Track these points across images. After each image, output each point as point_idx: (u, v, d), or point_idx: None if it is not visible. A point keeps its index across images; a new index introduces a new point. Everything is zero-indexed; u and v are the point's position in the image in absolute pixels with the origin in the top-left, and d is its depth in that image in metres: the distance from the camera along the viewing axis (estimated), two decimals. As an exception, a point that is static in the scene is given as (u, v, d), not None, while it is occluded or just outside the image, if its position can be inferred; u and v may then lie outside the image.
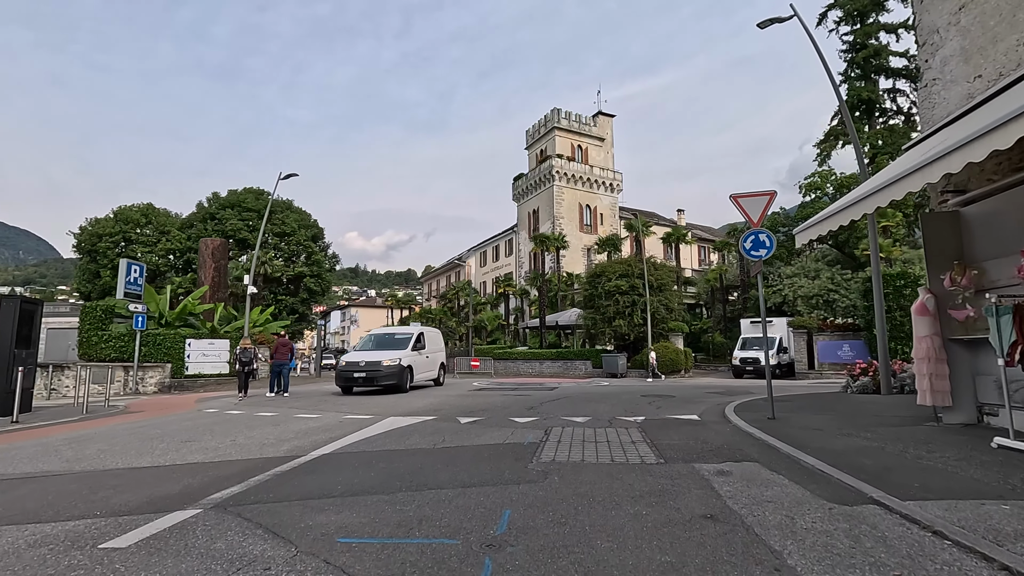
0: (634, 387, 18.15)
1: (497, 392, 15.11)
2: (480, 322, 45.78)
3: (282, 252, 53.71)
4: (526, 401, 11.69)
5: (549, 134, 54.68)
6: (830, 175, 31.41)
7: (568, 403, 11.16)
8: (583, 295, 31.67)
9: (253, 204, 52.43)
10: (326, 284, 56.81)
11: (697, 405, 10.90)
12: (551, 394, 13.95)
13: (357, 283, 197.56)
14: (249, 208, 52.17)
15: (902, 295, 22.13)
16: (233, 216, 50.96)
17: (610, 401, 11.76)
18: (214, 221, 51.34)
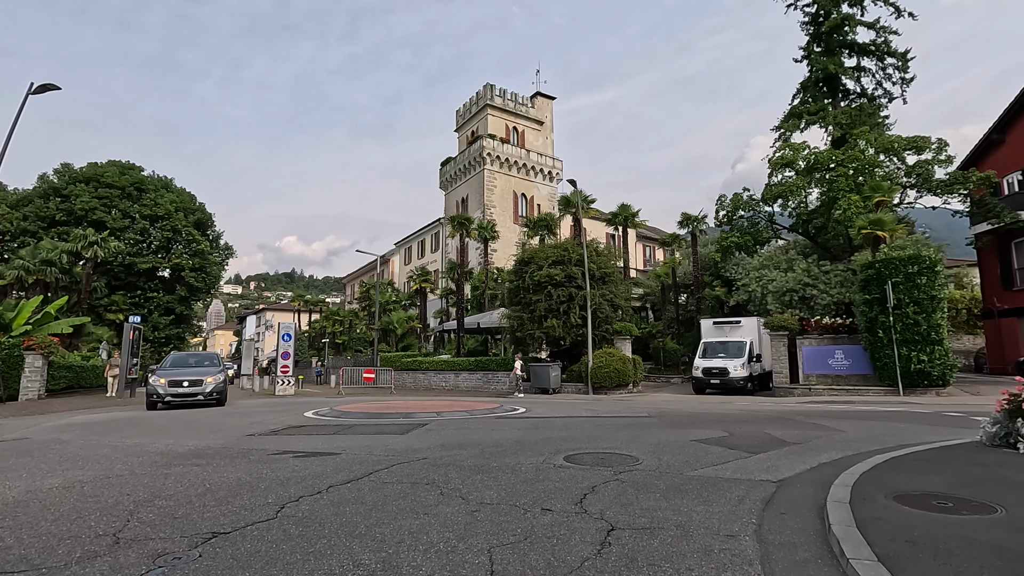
0: (566, 419, 11.63)
1: (256, 456, 8.17)
2: (388, 324, 38.24)
3: (154, 239, 44.16)
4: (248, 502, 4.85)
5: (481, 112, 48.22)
6: (802, 148, 26.59)
7: (358, 515, 4.46)
8: (508, 288, 25.06)
9: (116, 180, 42.71)
10: (212, 279, 47.52)
11: (718, 498, 4.42)
12: (380, 454, 7.14)
13: (292, 288, 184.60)
14: (111, 184, 42.40)
15: (916, 285, 16.86)
16: (86, 193, 41.08)
17: (504, 479, 5.17)
18: (59, 198, 41.24)
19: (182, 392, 14.52)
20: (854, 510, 3.40)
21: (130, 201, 43.26)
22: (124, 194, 43.12)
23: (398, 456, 6.14)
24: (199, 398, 14.74)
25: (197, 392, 14.71)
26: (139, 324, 21.95)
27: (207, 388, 14.86)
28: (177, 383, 14.55)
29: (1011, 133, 26.06)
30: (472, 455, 6.17)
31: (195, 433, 8.80)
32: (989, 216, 24.21)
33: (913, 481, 4.20)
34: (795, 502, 3.99)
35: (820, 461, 5.56)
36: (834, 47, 34.28)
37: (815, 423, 9.07)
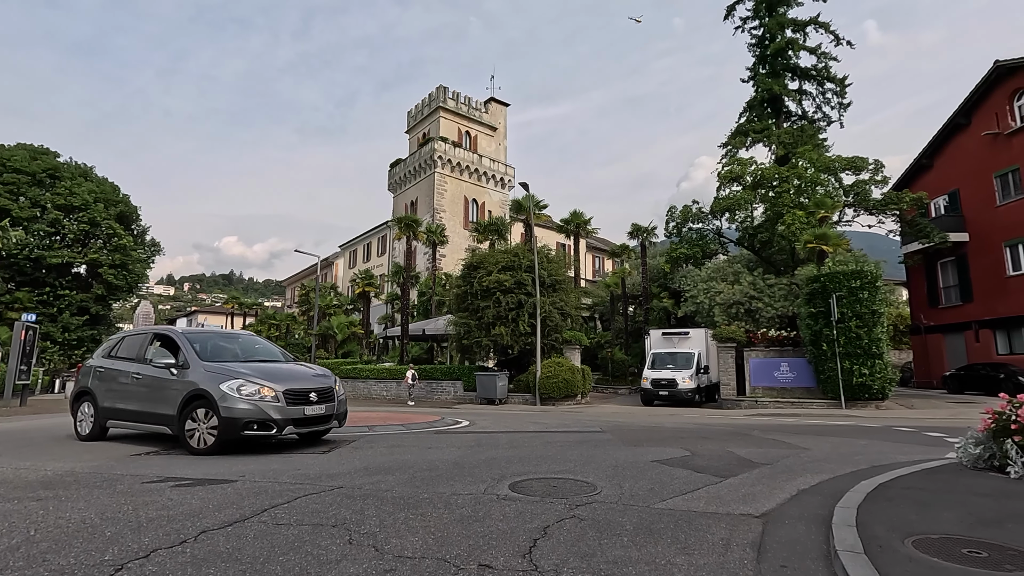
0: (512, 434, 10.78)
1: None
2: (327, 329, 36.22)
3: (68, 231, 40.21)
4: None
5: (433, 115, 47.08)
6: (750, 163, 27.09)
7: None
8: (455, 293, 24.03)
9: (25, 165, 38.66)
10: (135, 278, 43.75)
11: (699, 542, 3.60)
12: (286, 481, 6.01)
13: (230, 291, 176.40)
14: (18, 169, 38.32)
15: (858, 299, 17.09)
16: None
17: (434, 518, 4.26)
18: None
19: (311, 416, 7.30)
20: (876, 565, 2.66)
21: (41, 189, 39.30)
22: (34, 181, 39.12)
23: (308, 484, 5.04)
24: (327, 424, 7.72)
25: (324, 414, 7.51)
26: (34, 323, 19.42)
27: (332, 406, 7.69)
28: (301, 396, 7.25)
29: (938, 159, 27.52)
30: (400, 482, 5.16)
31: (67, 451, 7.32)
32: (920, 236, 25.31)
33: (923, 519, 3.55)
34: (793, 548, 3.24)
35: (799, 488, 4.90)
36: (779, 69, 35.51)
37: (775, 439, 8.57)
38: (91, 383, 8.49)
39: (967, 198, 25.68)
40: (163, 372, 7.56)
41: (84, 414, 8.52)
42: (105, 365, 8.53)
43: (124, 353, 8.47)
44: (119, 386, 8.11)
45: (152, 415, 7.59)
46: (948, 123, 26.61)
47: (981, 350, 24.16)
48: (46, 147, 41.91)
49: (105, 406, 8.17)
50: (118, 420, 8.13)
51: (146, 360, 7.92)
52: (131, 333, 9.36)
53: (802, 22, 35.75)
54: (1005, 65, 23.59)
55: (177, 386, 7.31)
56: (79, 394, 8.68)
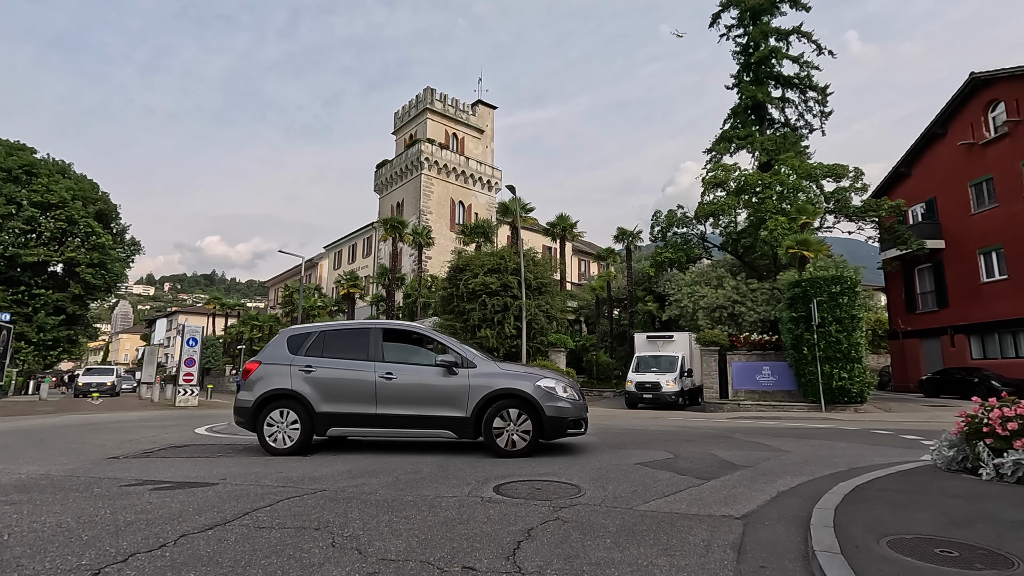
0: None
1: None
2: (311, 331, 35.94)
3: (45, 229, 39.29)
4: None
5: (420, 116, 47.02)
6: (733, 169, 27.46)
7: None
8: (441, 295, 23.98)
9: (1, 161, 37.76)
10: (114, 277, 42.92)
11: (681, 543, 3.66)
12: (269, 484, 5.94)
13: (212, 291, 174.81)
14: (-8, 165, 37.42)
15: (838, 304, 17.40)
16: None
17: (418, 521, 4.28)
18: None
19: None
20: (852, 565, 2.72)
21: (16, 185, 38.40)
22: (9, 177, 38.23)
23: (291, 487, 4.99)
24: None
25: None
26: (8, 322, 19.00)
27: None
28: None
29: (916, 167, 28.15)
30: (383, 484, 5.14)
31: (42, 454, 7.17)
32: (898, 243, 25.85)
33: (898, 520, 3.63)
34: (772, 548, 3.29)
35: (779, 489, 4.98)
36: (762, 77, 36.06)
37: (756, 442, 8.69)
38: (295, 385, 7.08)
39: (943, 206, 26.31)
40: (431, 371, 6.95)
41: (280, 422, 7.05)
42: (316, 364, 7.19)
43: (338, 352, 7.30)
44: (349, 388, 7.01)
45: (422, 418, 6.86)
46: (925, 133, 27.24)
47: (956, 355, 24.73)
48: (22, 143, 40.99)
49: (326, 411, 6.97)
50: (349, 427, 7.08)
51: (382, 358, 7.08)
52: (333, 328, 7.88)
53: (785, 31, 36.38)
54: (980, 77, 24.24)
55: (463, 387, 6.80)
56: (268, 399, 7.13)
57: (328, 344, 7.39)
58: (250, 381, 7.32)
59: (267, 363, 7.38)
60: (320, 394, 7.02)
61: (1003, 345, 23.13)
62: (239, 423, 7.46)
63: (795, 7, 35.98)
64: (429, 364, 6.96)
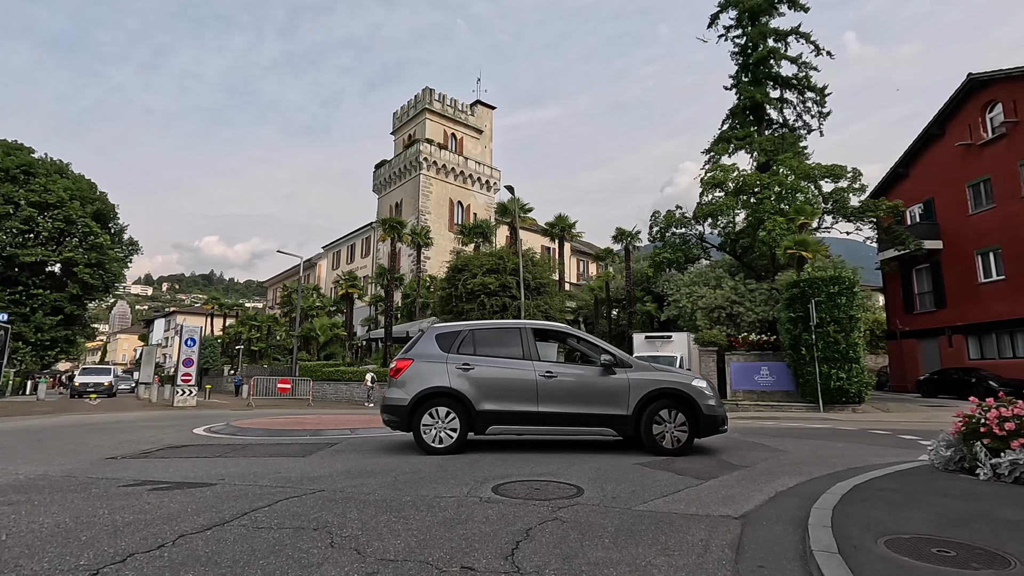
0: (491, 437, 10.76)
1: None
2: (309, 331, 35.89)
3: (43, 229, 39.19)
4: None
5: (419, 116, 47.02)
6: (732, 170, 27.49)
7: None
8: (440, 296, 23.98)
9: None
10: (112, 277, 42.84)
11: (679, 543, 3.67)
12: (267, 484, 5.94)
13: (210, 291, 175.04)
14: (-12, 165, 37.33)
15: (836, 305, 17.43)
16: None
17: (417, 521, 4.29)
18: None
19: None
20: (850, 564, 2.72)
21: (14, 185, 38.37)
22: (7, 177, 38.21)
23: (289, 487, 5.00)
24: None
25: None
26: (5, 323, 18.98)
27: None
28: None
29: (914, 168, 28.21)
30: (382, 485, 5.14)
31: (39, 454, 7.16)
32: (896, 243, 25.90)
33: (895, 519, 3.64)
34: (770, 548, 3.30)
35: (777, 489, 4.99)
36: (761, 78, 36.11)
37: (754, 442, 8.70)
38: (454, 383, 6.99)
39: (941, 206, 26.37)
40: (589, 370, 7.06)
41: (437, 420, 6.97)
42: (474, 362, 7.11)
43: (489, 350, 7.25)
44: (510, 386, 6.96)
45: (583, 417, 6.93)
46: (923, 133, 27.30)
47: (954, 355, 24.79)
48: (20, 142, 40.93)
49: (487, 409, 6.93)
50: (510, 425, 7.03)
51: (538, 357, 7.13)
52: (481, 326, 7.74)
53: (783, 32, 36.42)
54: (978, 78, 24.30)
55: (623, 386, 6.88)
56: (424, 397, 7.00)
57: (478, 342, 7.36)
58: (403, 379, 7.14)
59: (420, 360, 7.22)
60: (480, 392, 6.99)
61: (1000, 345, 23.19)
62: (390, 422, 7.28)
63: (793, 8, 36.05)
64: (588, 363, 7.07)
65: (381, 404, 7.48)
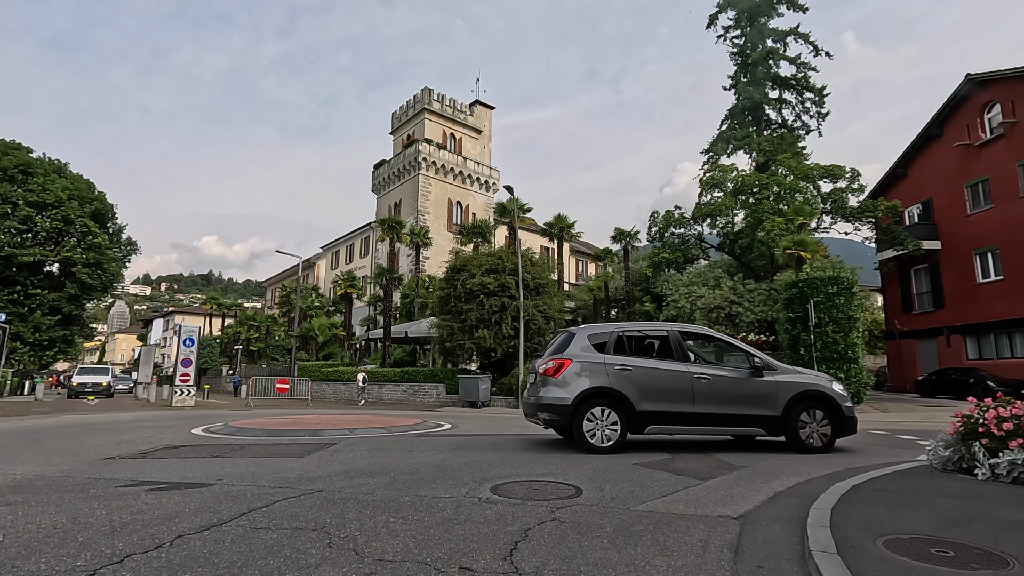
0: (495, 436, 10.79)
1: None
2: (308, 331, 35.86)
3: (41, 229, 39.11)
4: None
5: (418, 116, 47.00)
6: (731, 170, 27.51)
7: None
8: (439, 296, 23.97)
9: (-6, 159, 37.59)
10: (110, 277, 42.74)
11: (678, 543, 3.66)
12: (265, 485, 5.93)
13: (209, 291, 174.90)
14: (-16, 164, 37.22)
15: (835, 305, 17.45)
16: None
17: (415, 521, 4.28)
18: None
19: None
20: (848, 564, 2.72)
21: (12, 185, 38.26)
22: (5, 176, 38.07)
23: (288, 488, 4.99)
24: None
25: None
26: (3, 322, 18.94)
27: None
28: None
29: (912, 169, 28.23)
30: (381, 485, 5.13)
31: (37, 455, 7.15)
32: (894, 243, 25.93)
33: (893, 520, 3.64)
34: (769, 548, 3.30)
35: (775, 490, 4.99)
36: (759, 78, 36.16)
37: (752, 442, 8.70)
38: (614, 383, 7.14)
39: (939, 207, 26.40)
40: (738, 372, 7.35)
41: (599, 420, 7.07)
42: (630, 363, 7.28)
43: (640, 352, 7.54)
44: (668, 387, 7.15)
45: (736, 417, 7.22)
46: (922, 134, 27.33)
47: (952, 355, 24.82)
48: (18, 142, 40.82)
49: (646, 410, 7.09)
50: (667, 425, 7.22)
51: (689, 359, 7.47)
52: (630, 328, 7.91)
53: (782, 32, 36.51)
54: (976, 79, 24.34)
55: (772, 388, 7.19)
56: (586, 397, 7.10)
57: (629, 344, 7.55)
58: (564, 378, 7.23)
59: (578, 361, 7.34)
60: (639, 392, 7.13)
61: (999, 346, 23.23)
62: (550, 421, 7.31)
63: (792, 8, 36.13)
64: (739, 366, 7.40)
65: (533, 403, 7.51)
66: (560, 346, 7.79)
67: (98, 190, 43.19)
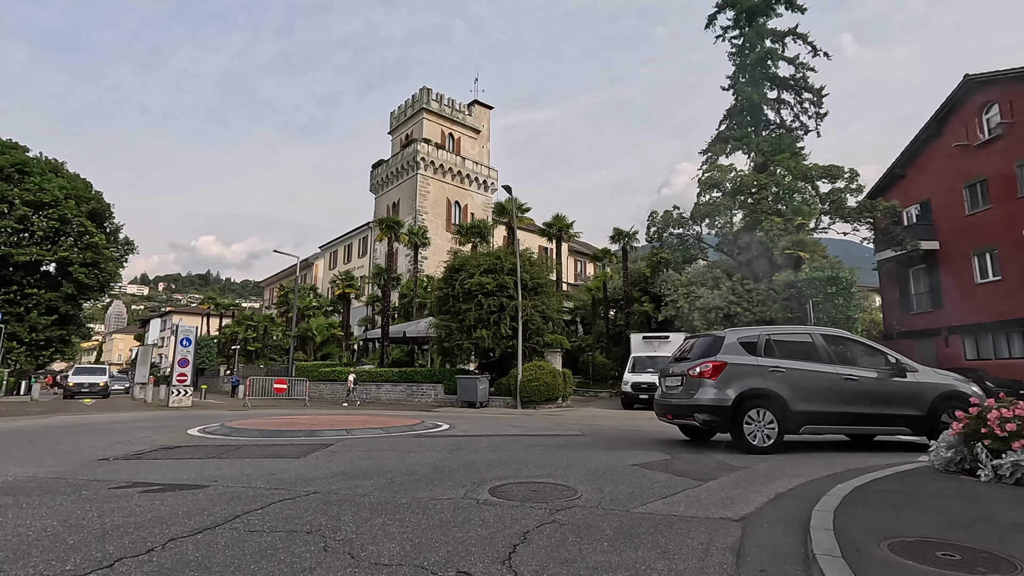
0: (493, 437, 10.75)
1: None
2: (306, 331, 35.75)
3: (37, 228, 38.94)
4: None
5: (416, 116, 46.92)
6: (729, 170, 27.49)
7: None
8: (437, 296, 23.91)
9: (-10, 158, 37.41)
10: (107, 276, 42.56)
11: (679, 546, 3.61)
12: (260, 486, 5.87)
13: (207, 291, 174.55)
14: (-21, 163, 37.05)
15: (834, 305, 17.43)
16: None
17: (412, 524, 4.24)
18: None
19: None
20: (853, 568, 2.67)
21: (9, 184, 38.09)
22: (2, 175, 37.90)
23: (283, 489, 4.92)
24: None
25: None
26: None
27: None
28: None
29: (911, 169, 28.22)
30: (377, 487, 5.07)
31: (30, 455, 7.07)
32: (893, 244, 25.93)
33: (898, 522, 3.60)
34: (772, 552, 3.25)
35: (777, 491, 4.94)
36: (758, 79, 36.12)
37: (753, 443, 8.65)
38: (770, 385, 7.32)
39: (938, 207, 26.39)
40: (881, 373, 7.58)
41: (757, 421, 7.26)
42: (784, 366, 7.47)
43: (787, 354, 7.64)
44: (820, 388, 7.33)
45: (883, 417, 7.48)
46: (920, 134, 27.32)
47: (951, 355, 24.80)
48: (15, 141, 40.65)
49: (801, 410, 7.24)
50: (821, 425, 7.44)
51: (838, 361, 7.65)
52: (776, 331, 8.19)
53: (781, 32, 36.46)
54: (975, 79, 24.34)
55: (916, 388, 7.48)
56: (745, 398, 7.28)
57: (776, 347, 7.75)
58: (722, 380, 7.41)
59: (733, 363, 7.51)
60: (794, 393, 7.33)
61: (997, 346, 23.22)
62: (708, 422, 7.46)
63: (791, 8, 36.09)
64: (879, 367, 7.63)
65: (688, 405, 7.68)
66: (708, 349, 7.96)
67: (95, 189, 43.03)
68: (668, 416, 8.21)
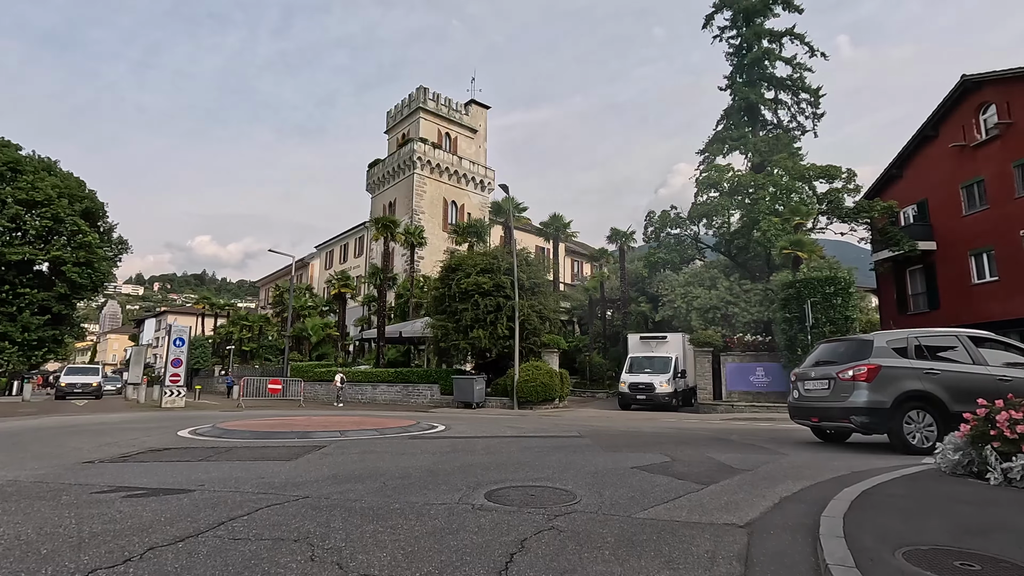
0: (489, 439, 10.60)
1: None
2: (301, 331, 35.49)
3: (30, 227, 38.51)
4: None
5: (413, 115, 46.71)
6: (727, 170, 27.41)
7: None
8: (433, 295, 23.74)
9: (-21, 156, 37.02)
10: (101, 276, 42.16)
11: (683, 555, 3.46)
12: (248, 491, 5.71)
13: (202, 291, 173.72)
14: (-32, 161, 36.64)
15: (832, 305, 17.34)
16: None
17: (405, 531, 4.10)
18: None
19: None
20: (869, 580, 2.52)
21: (1, 182, 37.72)
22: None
23: (272, 494, 4.75)
24: None
25: None
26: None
27: None
28: None
29: (908, 169, 28.19)
30: (370, 491, 4.91)
31: (12, 458, 6.88)
32: (890, 244, 25.87)
33: (910, 528, 3.46)
34: (780, 560, 3.10)
35: (781, 495, 4.80)
36: (755, 79, 36.09)
37: (753, 444, 8.54)
38: (927, 387, 7.38)
39: (935, 208, 26.35)
40: (1018, 372, 7.55)
41: (917, 422, 7.35)
42: (938, 368, 7.55)
43: (936, 356, 7.72)
44: (975, 389, 7.03)
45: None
46: (917, 135, 27.28)
47: (948, 356, 24.72)
48: (7, 140, 40.25)
49: (959, 411, 6.98)
50: None
51: (985, 362, 7.64)
52: (923, 334, 8.27)
53: (778, 33, 36.45)
54: (971, 80, 24.31)
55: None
56: (903, 400, 7.35)
57: (925, 349, 7.80)
58: (878, 382, 7.43)
59: (887, 367, 7.52)
60: (951, 395, 7.31)
61: (994, 346, 23.17)
62: (863, 423, 7.48)
63: (788, 9, 36.07)
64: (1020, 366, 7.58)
65: (842, 408, 7.64)
66: (856, 352, 8.00)
67: (88, 188, 42.66)
68: (814, 419, 8.20)
